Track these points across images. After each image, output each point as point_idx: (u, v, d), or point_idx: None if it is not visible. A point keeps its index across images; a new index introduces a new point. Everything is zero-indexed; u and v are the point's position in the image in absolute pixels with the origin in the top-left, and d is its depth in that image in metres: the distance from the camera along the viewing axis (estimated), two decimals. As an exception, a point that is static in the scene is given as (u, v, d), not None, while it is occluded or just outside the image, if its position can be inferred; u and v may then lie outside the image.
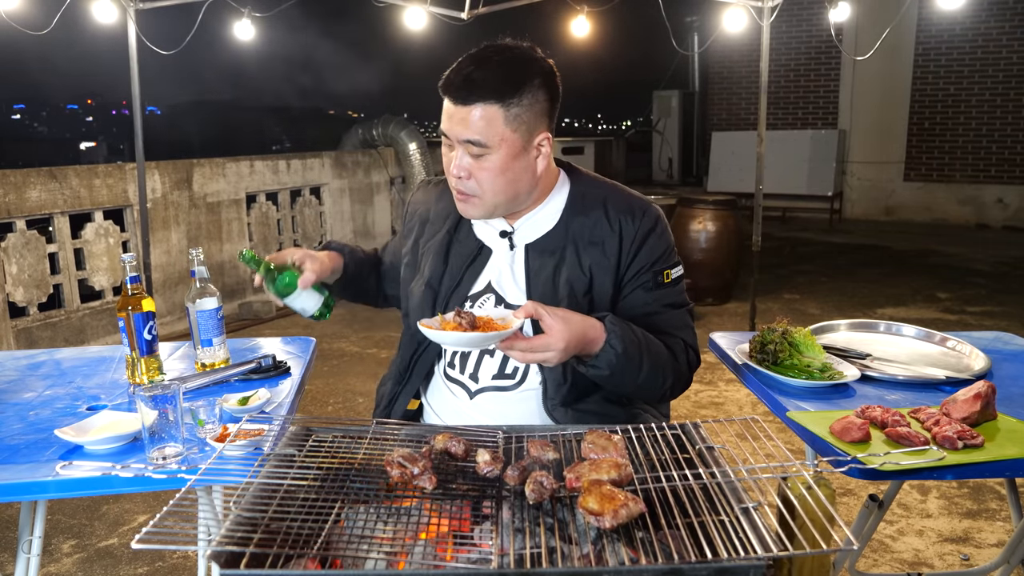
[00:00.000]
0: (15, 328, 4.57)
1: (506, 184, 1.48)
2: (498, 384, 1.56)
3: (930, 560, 2.58)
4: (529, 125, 1.45)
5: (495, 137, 1.42)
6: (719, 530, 0.99)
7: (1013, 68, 9.81)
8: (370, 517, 1.09)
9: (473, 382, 1.58)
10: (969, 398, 1.38)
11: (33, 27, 4.34)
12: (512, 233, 1.59)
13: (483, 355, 1.57)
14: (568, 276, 1.53)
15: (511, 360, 1.55)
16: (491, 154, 1.44)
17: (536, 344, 1.33)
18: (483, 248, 1.61)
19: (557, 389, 1.53)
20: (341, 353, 5.00)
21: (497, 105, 1.41)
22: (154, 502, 3.00)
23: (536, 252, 1.56)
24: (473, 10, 4.88)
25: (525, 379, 1.56)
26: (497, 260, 1.59)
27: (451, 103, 1.44)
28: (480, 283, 1.59)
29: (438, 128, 1.50)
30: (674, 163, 13.20)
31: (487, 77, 1.41)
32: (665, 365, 1.48)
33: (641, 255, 1.54)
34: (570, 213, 1.57)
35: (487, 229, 1.62)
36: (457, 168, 1.47)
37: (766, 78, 4.92)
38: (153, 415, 1.29)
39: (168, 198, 5.64)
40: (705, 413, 3.89)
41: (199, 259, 1.73)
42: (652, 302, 1.54)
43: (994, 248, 8.60)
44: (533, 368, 1.55)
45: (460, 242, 1.63)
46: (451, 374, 1.62)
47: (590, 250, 1.54)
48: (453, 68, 1.45)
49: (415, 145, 7.92)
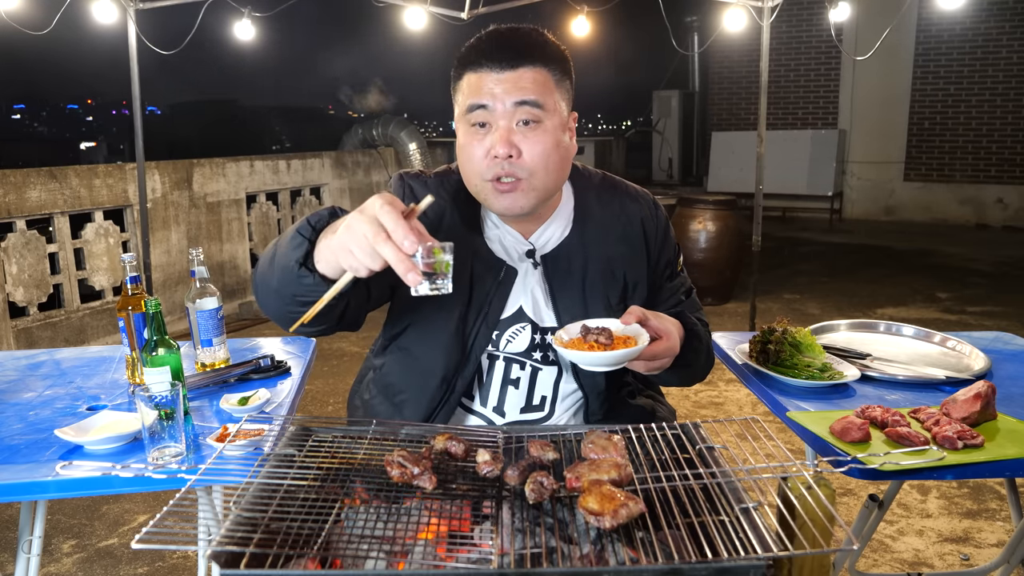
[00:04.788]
0: (15, 328, 4.57)
1: (556, 164, 1.33)
2: (526, 418, 1.46)
3: (930, 560, 2.58)
4: (568, 100, 1.36)
5: (551, 100, 1.30)
6: (719, 530, 0.99)
7: (1013, 68, 9.81)
8: (370, 517, 1.09)
9: (499, 416, 1.47)
10: (969, 398, 1.38)
11: (33, 27, 4.34)
12: (535, 251, 1.45)
13: (507, 385, 1.46)
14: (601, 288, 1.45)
15: (537, 390, 1.46)
16: (546, 120, 1.30)
17: (659, 350, 1.28)
18: (506, 269, 1.43)
19: (600, 404, 1.47)
20: (341, 353, 5.00)
21: (546, 69, 1.31)
22: (154, 502, 3.00)
23: (557, 266, 1.44)
24: (473, 10, 4.88)
25: (555, 408, 1.48)
26: (523, 281, 1.44)
27: (492, 71, 1.28)
28: (509, 308, 1.44)
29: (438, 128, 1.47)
30: (674, 163, 13.20)
31: (534, 43, 1.31)
32: (710, 347, 1.54)
33: (666, 249, 1.54)
34: (582, 213, 1.48)
35: (508, 248, 1.45)
36: (505, 145, 1.27)
37: (766, 78, 4.92)
38: (153, 415, 1.29)
39: (168, 198, 5.64)
40: (705, 413, 3.89)
41: (199, 259, 1.73)
42: (678, 290, 1.56)
43: (994, 248, 8.60)
44: (563, 392, 1.48)
45: (483, 262, 1.42)
46: (469, 405, 1.48)
47: (618, 251, 1.46)
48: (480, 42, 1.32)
49: (415, 145, 7.92)
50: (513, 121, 1.29)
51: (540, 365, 1.47)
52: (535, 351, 1.46)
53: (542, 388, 1.47)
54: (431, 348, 1.43)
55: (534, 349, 1.46)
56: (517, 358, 1.46)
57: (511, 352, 1.46)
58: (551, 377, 1.47)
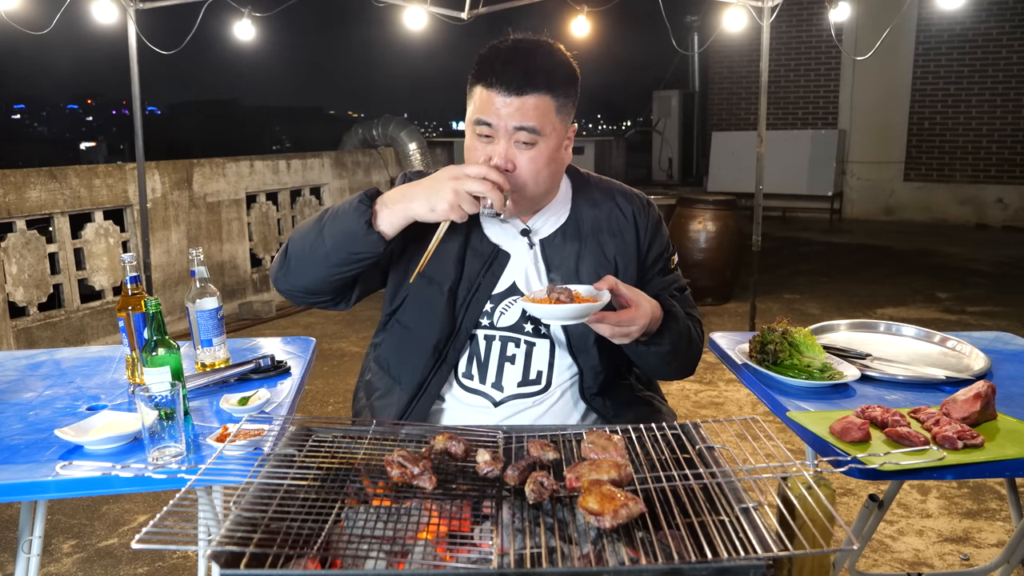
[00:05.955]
0: (15, 328, 4.57)
1: (548, 176, 1.50)
2: (524, 391, 1.55)
3: (930, 560, 2.58)
4: (568, 118, 1.50)
5: (548, 126, 1.45)
6: (719, 530, 0.99)
7: (1013, 68, 9.81)
8: (370, 517, 1.09)
9: (497, 391, 1.55)
10: (969, 398, 1.38)
11: (33, 27, 4.34)
12: (530, 232, 1.59)
13: (504, 362, 1.55)
14: (593, 266, 1.56)
15: (533, 365, 1.55)
16: (541, 143, 1.45)
17: (624, 318, 1.38)
18: (499, 252, 1.57)
19: (595, 378, 1.56)
20: (341, 353, 5.00)
21: (550, 96, 1.44)
22: (154, 502, 3.00)
23: (553, 247, 1.58)
24: (473, 10, 4.88)
25: (551, 383, 1.56)
26: (518, 261, 1.57)
27: (499, 94, 1.42)
28: (502, 284, 1.56)
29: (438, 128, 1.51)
30: (674, 163, 13.20)
31: (541, 70, 1.43)
32: (697, 340, 1.60)
33: (656, 243, 1.63)
34: (579, 206, 1.61)
35: (500, 232, 1.59)
36: (503, 160, 1.44)
37: (766, 78, 4.92)
38: (153, 415, 1.29)
39: (168, 198, 5.64)
40: (705, 413, 3.89)
41: (199, 259, 1.73)
42: (669, 286, 1.62)
43: (994, 248, 8.60)
44: (559, 367, 1.56)
45: (474, 248, 1.57)
46: (469, 384, 1.57)
47: (611, 240, 1.58)
48: (496, 58, 1.44)
49: (415, 145, 7.92)
50: (512, 141, 1.45)
51: (533, 339, 1.56)
52: (526, 323, 1.56)
53: (538, 363, 1.56)
54: (423, 319, 1.56)
55: (525, 321, 1.56)
56: (511, 335, 1.56)
57: (503, 325, 1.56)
58: (545, 351, 1.56)
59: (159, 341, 1.46)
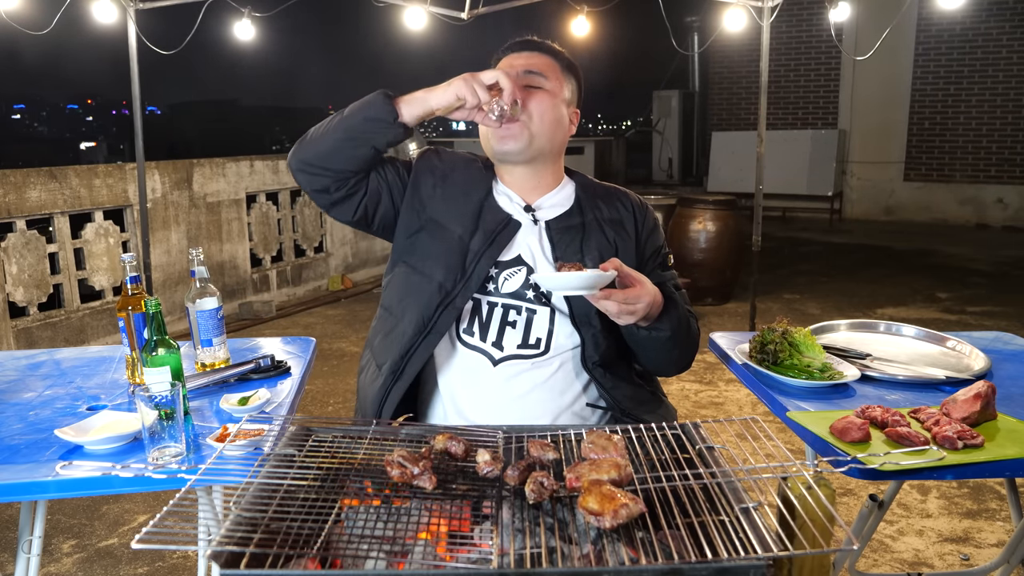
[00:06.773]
0: (15, 328, 4.57)
1: (550, 124, 1.63)
2: (523, 353, 1.58)
3: (930, 560, 2.58)
4: (570, 90, 1.69)
5: (553, 78, 1.65)
6: (719, 530, 0.99)
7: (1013, 68, 9.81)
8: (370, 517, 1.09)
9: (497, 350, 1.59)
10: (969, 398, 1.38)
11: (33, 27, 4.34)
12: (534, 210, 1.68)
13: (505, 326, 1.59)
14: (596, 248, 1.64)
15: (533, 331, 1.59)
16: (547, 88, 1.63)
17: (630, 295, 1.43)
18: (511, 220, 1.64)
19: (596, 348, 1.59)
20: (341, 353, 5.00)
21: (554, 59, 1.69)
22: (154, 502, 3.00)
23: (558, 229, 1.66)
24: (473, 10, 4.88)
25: (549, 348, 1.59)
26: (525, 235, 1.65)
27: (515, 54, 1.68)
28: (509, 253, 1.63)
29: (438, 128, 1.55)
30: (674, 163, 13.20)
31: (548, 45, 1.72)
32: (695, 331, 1.66)
33: (653, 237, 1.72)
34: (583, 199, 1.71)
35: (511, 205, 1.68)
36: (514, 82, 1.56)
37: (766, 78, 4.92)
38: (153, 415, 1.29)
39: (168, 198, 5.64)
40: (705, 413, 3.90)
41: (199, 259, 1.73)
42: (667, 281, 1.66)
43: (994, 248, 8.61)
44: (560, 334, 1.59)
45: (490, 206, 1.66)
46: (470, 341, 1.60)
47: (612, 228, 1.68)
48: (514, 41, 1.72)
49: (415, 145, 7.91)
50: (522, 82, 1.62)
51: (534, 306, 1.61)
52: (528, 290, 1.61)
53: (537, 330, 1.60)
54: (436, 260, 1.61)
55: (527, 288, 1.61)
56: (513, 302, 1.61)
57: (506, 292, 1.61)
58: (545, 319, 1.61)
59: (159, 341, 1.46)
